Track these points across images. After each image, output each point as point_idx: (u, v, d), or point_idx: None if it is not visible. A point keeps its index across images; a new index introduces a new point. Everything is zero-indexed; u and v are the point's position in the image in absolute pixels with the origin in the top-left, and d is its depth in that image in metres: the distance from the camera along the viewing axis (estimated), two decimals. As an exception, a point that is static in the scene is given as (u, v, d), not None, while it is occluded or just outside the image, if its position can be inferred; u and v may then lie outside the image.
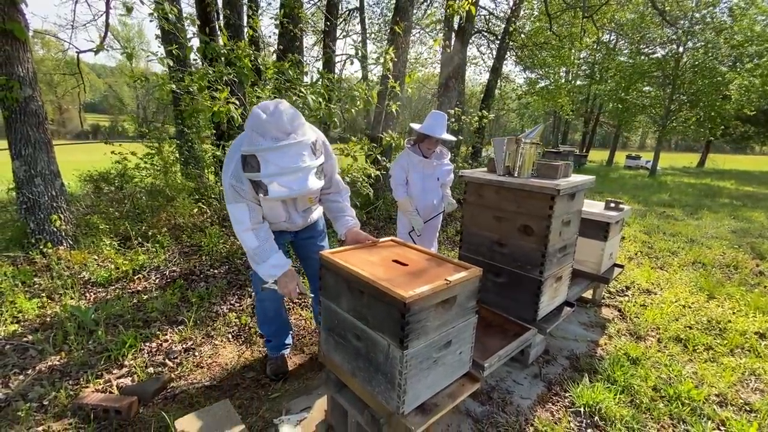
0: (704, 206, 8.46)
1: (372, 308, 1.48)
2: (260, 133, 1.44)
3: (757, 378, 2.34)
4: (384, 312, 1.42)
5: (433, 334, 1.49)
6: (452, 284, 1.49)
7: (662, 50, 16.87)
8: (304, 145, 1.50)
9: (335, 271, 1.63)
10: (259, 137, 1.45)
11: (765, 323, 2.97)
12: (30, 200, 3.24)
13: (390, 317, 1.40)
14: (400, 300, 1.33)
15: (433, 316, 1.48)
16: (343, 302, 1.63)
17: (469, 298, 1.62)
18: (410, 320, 1.37)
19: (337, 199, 2.02)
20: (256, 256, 1.75)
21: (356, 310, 1.56)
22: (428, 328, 1.47)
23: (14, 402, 1.89)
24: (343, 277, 1.59)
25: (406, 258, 1.71)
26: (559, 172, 2.24)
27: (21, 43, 3.05)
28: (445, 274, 1.54)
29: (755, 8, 14.12)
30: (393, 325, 1.39)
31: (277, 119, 1.45)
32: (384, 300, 1.40)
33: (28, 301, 2.71)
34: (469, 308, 1.65)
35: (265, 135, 1.44)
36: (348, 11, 11.66)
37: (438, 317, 1.50)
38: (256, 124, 1.45)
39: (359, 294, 1.52)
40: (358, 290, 1.53)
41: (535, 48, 13.52)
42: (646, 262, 4.43)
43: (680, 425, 1.94)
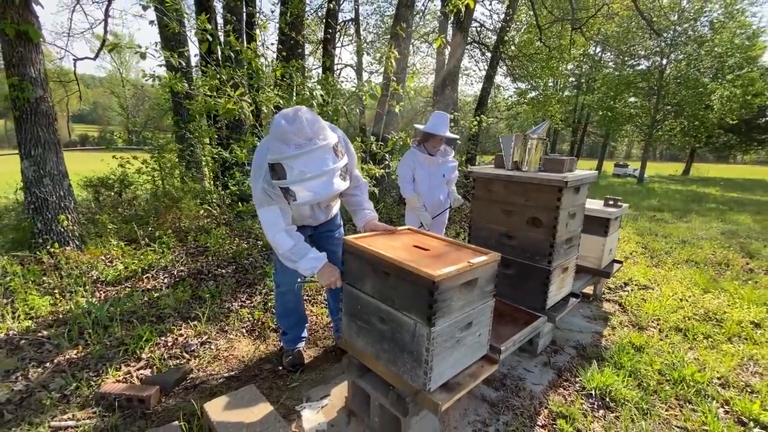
0: (692, 210, 8.71)
1: (398, 289, 1.54)
2: (283, 141, 1.47)
3: (756, 363, 2.44)
4: (411, 292, 1.49)
5: (457, 314, 1.56)
6: (475, 266, 1.56)
7: (646, 62, 17.46)
8: (327, 148, 1.52)
9: (359, 255, 1.69)
10: (282, 145, 1.47)
11: (759, 314, 3.09)
12: (38, 200, 3.25)
13: (418, 296, 1.46)
14: (429, 279, 1.40)
15: (457, 297, 1.55)
16: (367, 285, 1.69)
17: (488, 282, 1.70)
18: (438, 298, 1.43)
19: (356, 193, 2.08)
20: (293, 255, 1.79)
21: (381, 292, 1.62)
22: (453, 308, 1.54)
23: (36, 393, 1.90)
24: (367, 261, 1.65)
25: (426, 244, 1.78)
26: (565, 166, 2.35)
27: (34, 44, 3.10)
28: (466, 258, 1.62)
29: (734, 22, 14.76)
30: (421, 303, 1.46)
31: (298, 126, 1.47)
32: (412, 280, 1.47)
33: (40, 298, 2.71)
34: (488, 291, 1.72)
35: (288, 143, 1.46)
36: (343, 22, 11.89)
37: (461, 297, 1.57)
38: (278, 133, 1.48)
39: (384, 276, 1.58)
40: (383, 272, 1.59)
41: (525, 59, 13.90)
42: (641, 260, 4.57)
43: (687, 405, 2.02)
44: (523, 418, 1.90)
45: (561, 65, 15.23)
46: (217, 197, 5.13)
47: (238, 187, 4.38)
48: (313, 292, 3.26)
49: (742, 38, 15.35)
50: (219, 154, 4.14)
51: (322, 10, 10.65)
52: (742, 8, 15.04)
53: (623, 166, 22.90)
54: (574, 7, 10.70)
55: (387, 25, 14.23)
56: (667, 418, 1.92)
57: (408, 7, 5.02)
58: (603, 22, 13.84)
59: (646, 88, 17.05)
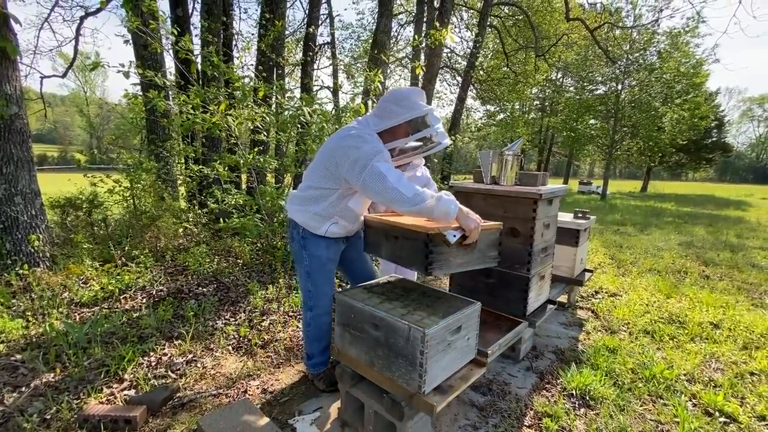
0: (652, 224, 9.29)
1: (404, 248, 1.81)
2: (415, 101, 1.80)
3: (717, 360, 2.65)
4: (413, 247, 1.74)
5: (456, 268, 1.80)
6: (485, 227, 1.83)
7: (604, 87, 18.74)
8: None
9: (376, 226, 1.99)
10: (417, 102, 1.80)
11: (717, 315, 3.35)
12: (8, 219, 3.12)
13: (417, 250, 1.71)
14: (424, 233, 1.67)
15: (455, 253, 1.75)
16: (382, 250, 1.96)
17: (489, 247, 1.93)
18: (433, 251, 1.67)
19: None
20: (423, 194, 1.66)
21: (393, 253, 1.90)
22: (451, 264, 1.75)
23: (14, 418, 1.81)
24: (381, 229, 1.95)
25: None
26: (539, 180, 2.53)
27: (11, 61, 3.04)
28: None
29: (679, 52, 16.19)
30: (419, 256, 1.69)
31: (418, 92, 1.84)
32: (413, 237, 1.74)
33: (11, 320, 2.58)
34: (490, 257, 1.94)
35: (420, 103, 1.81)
36: (320, 45, 12.17)
37: (459, 255, 1.78)
38: (409, 97, 1.80)
39: (394, 239, 1.86)
40: (393, 236, 1.87)
41: (494, 83, 14.64)
42: (609, 270, 4.84)
43: (659, 400, 2.17)
44: (511, 420, 1.98)
45: (527, 89, 16.13)
46: (193, 216, 5.06)
47: (218, 204, 4.35)
48: (297, 307, 3.26)
49: (687, 66, 16.84)
50: (201, 171, 4.12)
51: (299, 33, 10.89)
52: (686, 40, 16.55)
53: (587, 184, 24.08)
54: (537, 36, 11.47)
55: (362, 48, 14.67)
56: (642, 413, 2.05)
57: (386, 33, 5.27)
58: (563, 50, 14.86)
59: (604, 111, 18.26)
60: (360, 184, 1.70)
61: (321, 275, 2.02)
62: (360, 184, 1.70)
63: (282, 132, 4.10)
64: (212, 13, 6.03)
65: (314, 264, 1.99)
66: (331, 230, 1.94)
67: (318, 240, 1.96)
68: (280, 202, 4.26)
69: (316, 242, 1.97)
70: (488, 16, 10.98)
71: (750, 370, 2.51)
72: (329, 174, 1.82)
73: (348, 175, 1.73)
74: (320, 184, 1.87)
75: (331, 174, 1.81)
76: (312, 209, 1.90)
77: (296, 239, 2.00)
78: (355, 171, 1.68)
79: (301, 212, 1.94)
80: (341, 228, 1.97)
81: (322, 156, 1.87)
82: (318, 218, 1.91)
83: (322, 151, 1.90)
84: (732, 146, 39.45)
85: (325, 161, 1.83)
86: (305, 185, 1.95)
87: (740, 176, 72.36)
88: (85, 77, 34.58)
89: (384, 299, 1.83)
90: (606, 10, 13.77)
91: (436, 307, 1.75)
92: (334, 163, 1.77)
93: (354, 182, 1.73)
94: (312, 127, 3.63)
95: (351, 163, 1.69)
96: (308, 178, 1.95)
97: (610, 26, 13.12)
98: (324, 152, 1.86)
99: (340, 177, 1.78)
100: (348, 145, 1.73)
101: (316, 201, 1.89)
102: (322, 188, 1.87)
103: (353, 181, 1.72)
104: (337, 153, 1.76)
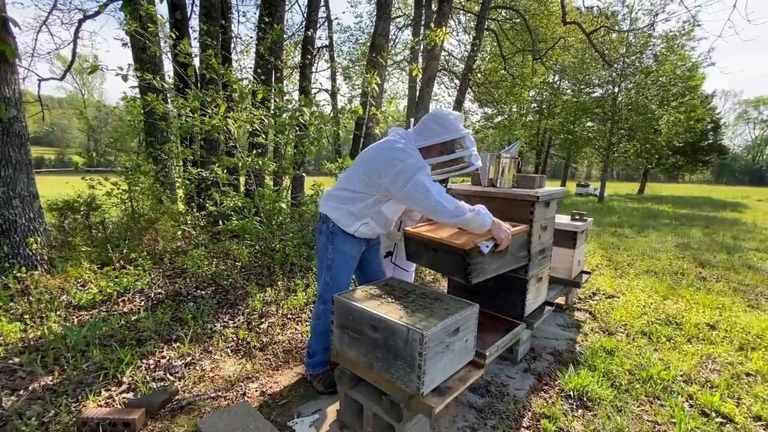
0: (649, 226, 9.33)
1: (444, 260, 2.07)
2: (455, 125, 1.99)
3: (713, 360, 2.66)
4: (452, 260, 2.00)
5: (492, 273, 2.06)
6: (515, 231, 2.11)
7: (601, 90, 18.86)
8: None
9: (416, 239, 2.23)
10: (458, 126, 1.99)
11: (713, 317, 3.37)
12: (6, 222, 3.11)
13: (456, 263, 1.97)
14: (461, 248, 1.91)
15: (489, 260, 1.98)
16: (423, 259, 2.24)
17: (519, 248, 2.20)
18: (471, 263, 1.89)
19: None
20: (463, 207, 1.87)
21: (434, 264, 2.20)
22: (487, 270, 1.99)
23: (12, 421, 1.80)
24: (421, 242, 2.20)
25: None
26: (536, 182, 2.55)
27: (9, 64, 3.05)
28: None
29: (675, 55, 16.31)
30: (459, 268, 1.96)
31: (458, 117, 2.03)
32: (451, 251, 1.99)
33: (8, 324, 2.58)
34: (521, 257, 2.24)
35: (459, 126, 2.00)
36: (318, 48, 12.21)
37: (494, 261, 2.02)
38: (449, 120, 1.99)
39: (433, 252, 2.11)
40: (432, 249, 2.13)
41: (491, 86, 14.71)
42: (607, 272, 4.86)
43: (656, 401, 2.18)
44: (509, 421, 1.99)
45: (524, 92, 16.21)
46: (191, 218, 5.05)
47: (216, 207, 4.35)
48: (296, 310, 3.27)
49: (683, 69, 16.97)
50: (199, 174, 4.13)
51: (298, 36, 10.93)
52: (682, 43, 16.69)
53: (585, 186, 24.19)
54: (535, 39, 11.54)
55: (360, 51, 14.72)
56: (639, 414, 2.07)
57: (383, 36, 5.30)
58: (561, 54, 14.94)
59: (601, 113, 18.36)
60: (403, 194, 1.83)
61: (341, 270, 2.10)
62: (403, 194, 1.83)
63: (280, 134, 4.12)
64: (211, 17, 6.04)
65: (337, 258, 2.08)
66: (361, 230, 2.04)
67: (345, 237, 2.06)
68: (279, 204, 4.27)
69: (344, 239, 2.06)
70: (486, 20, 11.04)
71: (746, 371, 2.53)
72: (369, 181, 1.93)
73: (390, 185, 1.85)
74: (357, 188, 1.98)
75: (371, 181, 1.92)
76: (347, 207, 2.01)
77: (324, 232, 2.08)
78: (399, 182, 1.82)
79: (336, 209, 2.03)
80: (370, 229, 2.07)
81: (363, 163, 1.98)
82: (351, 217, 2.01)
83: (363, 159, 2.01)
84: (728, 148, 39.73)
85: (366, 168, 1.94)
86: (342, 186, 2.05)
87: (736, 178, 72.81)
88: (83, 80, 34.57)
89: (383, 301, 1.84)
90: (602, 13, 13.89)
91: (435, 308, 1.76)
92: (377, 172, 1.88)
93: (396, 192, 1.85)
94: (310, 129, 3.64)
95: (395, 174, 1.82)
96: (346, 180, 2.04)
97: (606, 30, 13.22)
98: (366, 160, 1.98)
99: (381, 185, 1.90)
100: (393, 157, 1.86)
101: (353, 201, 2.00)
102: (359, 192, 1.98)
103: (395, 191, 1.85)
104: (380, 163, 1.88)
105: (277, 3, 5.83)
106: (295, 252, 4.19)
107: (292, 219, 4.66)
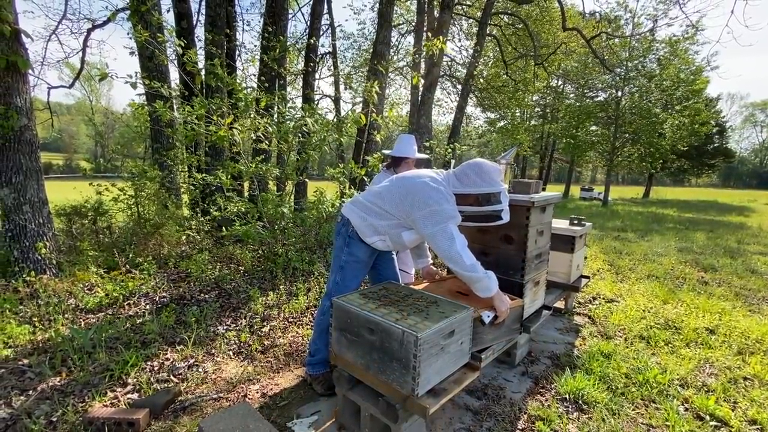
0: (653, 230, 9.30)
1: None
2: (494, 179, 1.99)
3: (711, 365, 2.68)
4: None
5: (488, 344, 2.04)
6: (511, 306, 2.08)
7: (604, 94, 18.85)
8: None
9: None
10: (496, 180, 1.99)
11: (713, 321, 3.38)
12: (17, 227, 3.20)
13: None
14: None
15: (487, 331, 1.99)
16: None
17: (514, 321, 2.16)
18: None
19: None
20: (477, 268, 1.93)
21: None
22: (484, 340, 1.99)
23: (21, 420, 1.87)
24: None
25: (466, 289, 2.17)
26: (532, 188, 2.59)
27: (21, 74, 3.16)
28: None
29: (679, 59, 16.29)
30: None
31: (498, 171, 2.03)
32: None
33: (18, 326, 2.65)
34: (514, 329, 2.20)
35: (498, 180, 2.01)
36: (321, 55, 12.36)
37: (490, 332, 2.02)
38: (490, 173, 1.98)
39: None
40: None
41: (494, 91, 14.78)
42: (608, 276, 4.87)
43: (651, 404, 2.20)
44: (505, 423, 2.02)
45: (527, 97, 16.25)
46: (196, 223, 5.14)
47: (220, 212, 4.43)
48: (297, 313, 3.32)
49: (687, 73, 16.94)
50: (204, 180, 4.21)
51: (301, 43, 11.08)
52: (685, 47, 16.67)
53: (589, 190, 24.04)
54: (536, 44, 11.60)
55: (363, 58, 14.85)
56: (634, 417, 2.09)
57: (385, 44, 5.38)
58: (563, 58, 14.99)
59: (605, 117, 18.33)
60: (428, 233, 1.92)
61: (352, 272, 2.18)
62: (428, 233, 1.92)
63: (284, 141, 4.19)
64: (216, 25, 6.17)
65: (350, 261, 2.16)
66: (377, 244, 2.13)
67: (361, 243, 2.15)
68: (282, 209, 4.34)
69: (359, 245, 2.15)
70: (487, 25, 11.13)
71: (744, 375, 2.54)
72: (399, 208, 2.01)
73: (420, 222, 1.93)
74: (387, 208, 2.05)
75: (401, 209, 2.00)
76: (371, 220, 2.08)
77: (342, 234, 2.17)
78: (428, 222, 1.91)
79: (360, 217, 2.11)
80: (385, 245, 2.15)
81: (398, 190, 2.04)
82: (372, 229, 2.09)
83: (403, 184, 2.06)
84: (734, 152, 39.38)
85: (400, 196, 2.01)
86: (372, 201, 2.11)
87: (744, 182, 72.12)
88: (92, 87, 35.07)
89: (380, 304, 1.88)
90: (604, 18, 13.93)
91: (430, 311, 1.80)
92: (409, 203, 1.96)
93: (423, 230, 1.93)
94: (313, 137, 3.71)
95: (427, 213, 1.91)
96: (380, 196, 2.10)
97: (607, 35, 13.24)
98: (402, 188, 2.04)
99: (408, 216, 1.98)
100: (429, 196, 1.93)
101: (379, 217, 2.07)
102: (388, 212, 2.05)
103: (423, 228, 1.93)
104: (415, 197, 1.95)
105: (280, 12, 5.94)
106: (297, 256, 4.25)
107: (294, 224, 4.73)
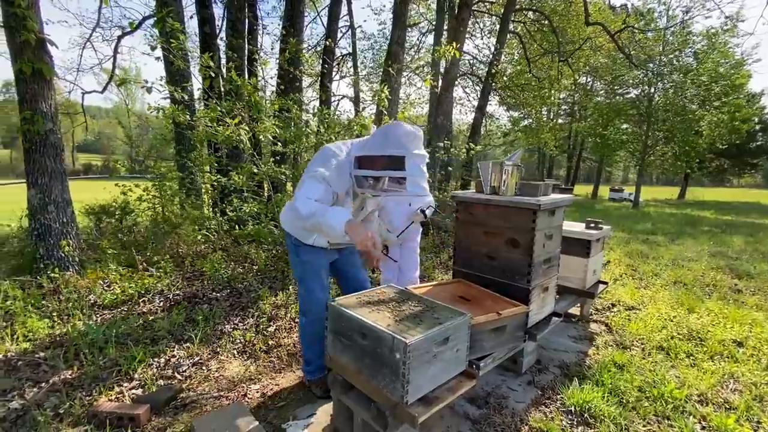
0: (685, 233, 8.82)
1: None
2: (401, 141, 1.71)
3: (736, 380, 2.49)
4: None
5: (489, 351, 2.00)
6: (503, 317, 1.96)
7: (635, 91, 18.05)
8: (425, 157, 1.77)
9: None
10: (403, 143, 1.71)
11: (742, 332, 3.15)
12: (42, 226, 3.39)
13: None
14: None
15: (488, 338, 1.92)
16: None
17: (517, 328, 2.08)
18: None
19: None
20: (317, 212, 1.75)
21: None
22: (485, 347, 1.94)
23: (31, 411, 1.96)
24: None
25: (469, 294, 2.15)
26: (540, 190, 2.49)
27: (46, 81, 3.33)
28: (498, 308, 2.01)
29: (717, 53, 15.40)
30: None
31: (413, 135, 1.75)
32: None
33: (38, 320, 2.80)
34: (518, 336, 2.12)
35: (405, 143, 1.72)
36: (341, 56, 12.46)
37: (492, 339, 1.95)
38: (398, 135, 1.72)
39: None
40: None
41: (517, 89, 14.44)
42: (630, 282, 4.64)
43: (664, 421, 2.07)
44: (503, 434, 1.95)
45: (552, 94, 15.79)
46: (216, 223, 5.27)
47: (235, 212, 4.52)
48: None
49: (726, 67, 15.98)
50: (218, 181, 4.32)
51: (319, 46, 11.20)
52: (725, 40, 15.74)
53: (619, 191, 23.10)
54: (561, 41, 11.24)
55: (382, 58, 14.86)
56: (644, 433, 1.97)
57: (399, 44, 5.35)
58: (590, 54, 14.46)
59: (636, 115, 17.55)
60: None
61: (312, 281, 2.13)
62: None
63: (297, 142, 4.24)
64: (237, 29, 6.33)
65: (306, 270, 2.12)
66: (318, 241, 2.07)
67: (308, 248, 2.10)
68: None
69: (307, 250, 2.10)
70: (509, 22, 10.88)
71: (772, 393, 2.35)
72: None
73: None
74: None
75: None
76: (298, 222, 2.01)
77: (290, 246, 2.17)
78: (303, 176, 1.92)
79: (291, 223, 2.09)
80: (323, 240, 2.07)
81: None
82: (304, 230, 2.03)
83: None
84: (781, 150, 36.81)
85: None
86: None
87: (792, 182, 67.29)
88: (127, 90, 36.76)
89: (375, 309, 1.86)
90: (636, 11, 13.32)
91: (425, 317, 1.76)
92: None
93: None
94: (324, 137, 3.74)
95: (307, 168, 1.92)
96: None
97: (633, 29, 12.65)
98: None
99: None
100: (316, 157, 1.97)
101: None
102: None
103: None
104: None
105: (296, 15, 6.02)
106: (308, 257, 4.28)
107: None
